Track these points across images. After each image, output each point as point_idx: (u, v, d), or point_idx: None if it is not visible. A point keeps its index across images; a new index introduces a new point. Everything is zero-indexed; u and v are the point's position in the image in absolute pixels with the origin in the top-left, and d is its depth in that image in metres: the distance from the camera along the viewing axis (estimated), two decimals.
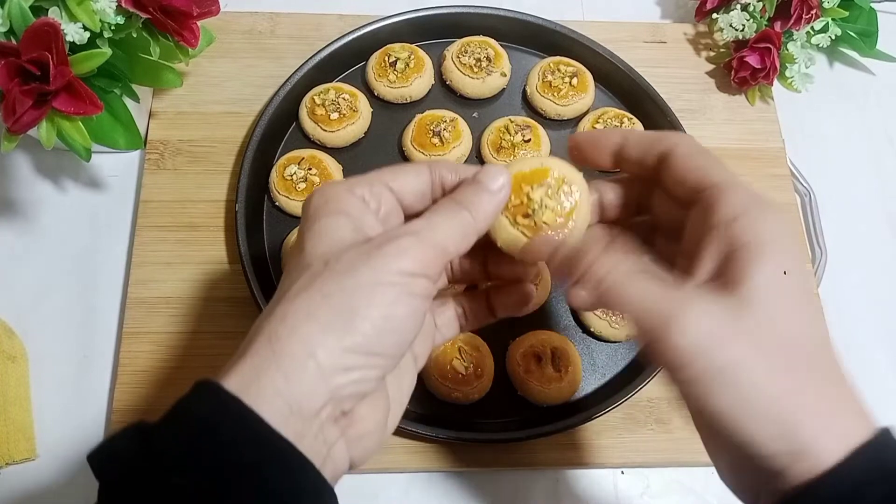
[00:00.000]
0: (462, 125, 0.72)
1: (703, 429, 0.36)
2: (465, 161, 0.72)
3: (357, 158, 0.72)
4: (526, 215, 0.39)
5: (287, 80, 0.72)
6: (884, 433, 0.32)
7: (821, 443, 0.31)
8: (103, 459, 0.31)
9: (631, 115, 0.74)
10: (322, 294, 0.33)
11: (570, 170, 0.40)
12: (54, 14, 0.54)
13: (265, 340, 0.32)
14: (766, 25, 0.77)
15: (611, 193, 0.42)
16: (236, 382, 0.31)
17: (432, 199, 0.39)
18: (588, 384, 0.65)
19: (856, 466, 0.31)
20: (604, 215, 0.43)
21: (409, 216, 0.39)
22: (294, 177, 0.68)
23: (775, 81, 0.79)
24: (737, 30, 0.78)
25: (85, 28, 0.54)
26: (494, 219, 0.38)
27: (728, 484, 0.36)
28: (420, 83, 0.74)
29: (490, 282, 0.43)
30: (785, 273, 0.33)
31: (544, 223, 0.38)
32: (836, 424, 0.32)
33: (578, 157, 0.42)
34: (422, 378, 0.63)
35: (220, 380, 0.31)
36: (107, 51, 0.56)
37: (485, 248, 0.41)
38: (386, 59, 0.74)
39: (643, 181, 0.42)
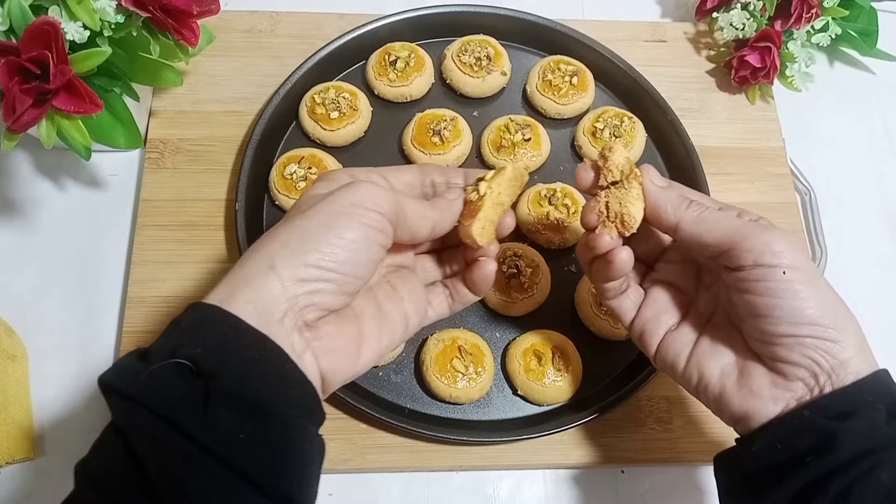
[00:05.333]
0: (462, 124, 0.72)
1: (759, 315, 0.44)
2: (465, 160, 0.72)
3: (357, 157, 0.72)
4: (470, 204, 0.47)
5: (287, 79, 0.72)
6: (885, 370, 0.44)
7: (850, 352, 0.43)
8: (108, 377, 0.37)
9: (631, 115, 0.74)
10: (285, 224, 0.40)
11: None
12: (54, 13, 0.54)
13: (238, 264, 0.40)
14: (766, 24, 0.77)
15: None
16: (215, 297, 0.38)
17: (422, 194, 0.48)
18: (588, 384, 0.65)
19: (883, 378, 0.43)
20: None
21: None
22: (294, 176, 0.68)
23: (775, 80, 0.79)
24: (737, 29, 0.78)
25: (85, 27, 0.55)
26: (451, 216, 0.46)
27: (753, 390, 0.45)
28: (420, 82, 0.74)
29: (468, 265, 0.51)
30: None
31: (470, 200, 0.46)
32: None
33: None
34: (422, 377, 0.63)
35: (202, 299, 0.38)
36: (107, 49, 0.56)
37: (462, 247, 0.49)
38: (386, 57, 0.74)
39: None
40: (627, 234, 0.47)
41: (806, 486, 0.40)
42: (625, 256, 0.47)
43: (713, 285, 0.50)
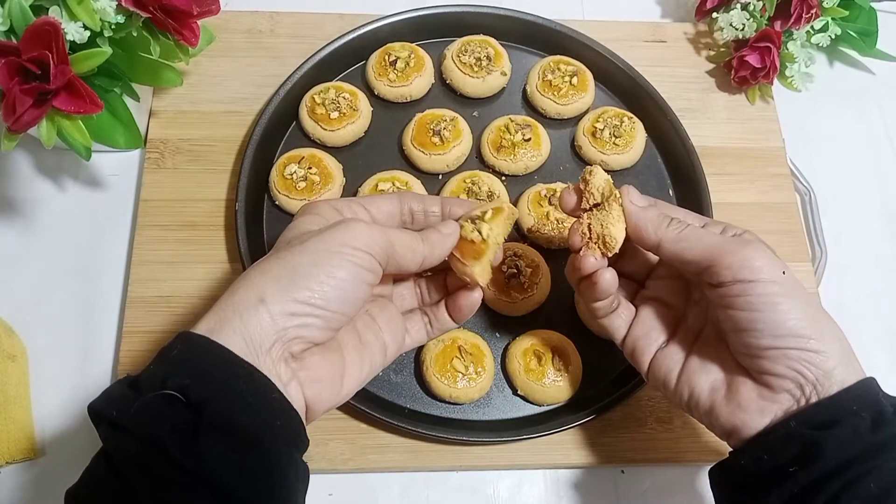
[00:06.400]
0: (462, 124, 0.72)
1: (743, 331, 0.44)
2: (465, 160, 0.72)
3: (357, 157, 0.72)
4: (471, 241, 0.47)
5: (287, 79, 0.72)
6: (871, 379, 0.44)
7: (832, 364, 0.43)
8: (99, 405, 0.37)
9: (631, 115, 0.74)
10: (276, 258, 0.41)
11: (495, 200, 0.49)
12: (55, 13, 0.54)
13: (227, 295, 0.40)
14: (766, 24, 0.77)
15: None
16: (204, 327, 0.39)
17: (401, 221, 0.49)
18: (588, 383, 0.65)
19: (870, 387, 0.43)
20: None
21: None
22: (294, 176, 0.68)
23: (775, 81, 0.79)
24: (737, 29, 0.78)
25: (85, 27, 0.55)
26: (442, 251, 0.47)
27: (742, 404, 0.45)
28: (420, 82, 0.74)
29: (449, 294, 0.52)
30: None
31: (471, 240, 0.47)
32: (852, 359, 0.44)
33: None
34: (422, 377, 0.63)
35: (191, 329, 0.39)
36: (107, 50, 0.56)
37: (444, 272, 0.51)
38: (386, 58, 0.74)
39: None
40: (610, 255, 0.48)
41: (793, 497, 0.41)
42: (608, 277, 0.49)
43: (701, 300, 0.51)
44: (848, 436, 0.41)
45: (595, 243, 0.48)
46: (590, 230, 0.48)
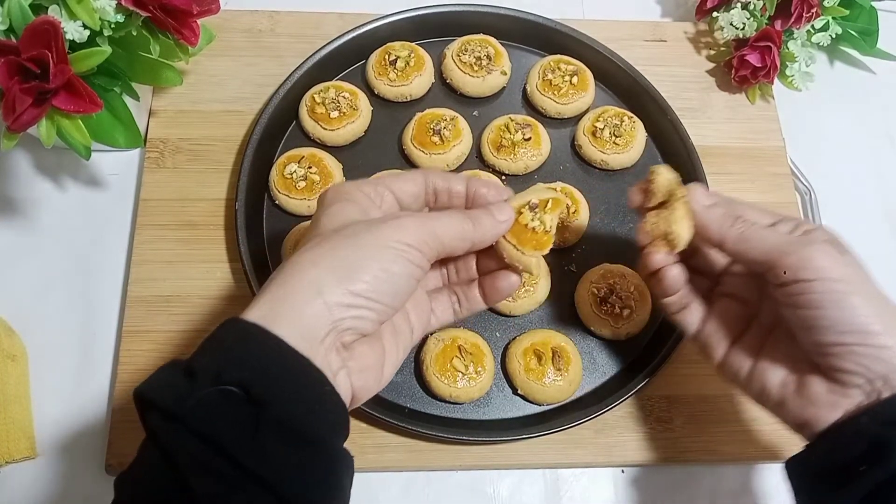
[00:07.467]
0: (462, 124, 0.72)
1: (810, 329, 0.44)
2: (465, 160, 0.72)
3: (357, 157, 0.72)
4: (528, 229, 0.46)
5: (287, 79, 0.72)
6: None
7: None
8: (149, 392, 0.36)
9: (631, 114, 0.74)
10: (328, 248, 0.40)
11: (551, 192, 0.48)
12: (54, 12, 0.54)
13: (277, 285, 0.39)
14: (766, 24, 0.77)
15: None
16: (255, 316, 0.38)
17: (425, 201, 0.48)
18: (588, 383, 0.65)
19: None
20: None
21: None
22: (294, 175, 0.68)
23: (776, 80, 0.79)
24: (737, 28, 0.78)
25: (85, 26, 0.54)
26: (493, 238, 0.45)
27: (810, 401, 0.45)
28: (420, 82, 0.74)
29: (480, 275, 0.50)
30: None
31: (531, 229, 0.46)
32: None
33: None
34: (422, 377, 0.63)
35: (242, 316, 0.38)
36: (106, 49, 0.56)
37: (474, 256, 0.49)
38: (386, 57, 0.74)
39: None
40: (675, 252, 0.49)
41: (868, 496, 0.41)
42: (674, 273, 0.50)
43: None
44: None
45: (660, 241, 0.49)
46: (656, 228, 0.49)
